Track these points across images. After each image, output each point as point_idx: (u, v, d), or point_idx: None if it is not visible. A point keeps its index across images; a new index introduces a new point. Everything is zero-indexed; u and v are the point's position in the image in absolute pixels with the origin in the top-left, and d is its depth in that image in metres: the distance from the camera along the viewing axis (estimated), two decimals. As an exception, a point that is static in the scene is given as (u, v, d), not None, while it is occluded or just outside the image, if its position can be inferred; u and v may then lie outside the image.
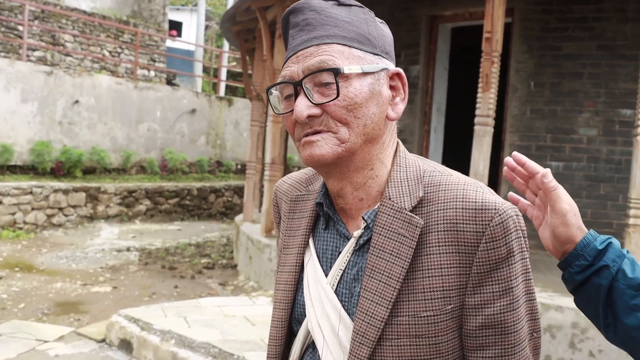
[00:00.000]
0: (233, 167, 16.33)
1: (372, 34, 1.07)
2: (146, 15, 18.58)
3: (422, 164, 1.10)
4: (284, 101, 1.08)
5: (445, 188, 1.03)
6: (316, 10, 1.06)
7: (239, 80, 20.54)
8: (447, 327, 1.00)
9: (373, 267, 1.03)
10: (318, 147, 1.03)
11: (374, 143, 1.07)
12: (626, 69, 6.05)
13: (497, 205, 0.99)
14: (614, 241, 1.13)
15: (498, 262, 0.99)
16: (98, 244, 9.99)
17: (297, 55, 1.05)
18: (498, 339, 1.01)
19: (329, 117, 1.02)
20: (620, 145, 6.08)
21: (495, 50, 4.90)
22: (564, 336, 4.48)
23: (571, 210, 1.13)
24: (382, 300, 1.01)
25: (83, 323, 5.85)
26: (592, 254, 1.11)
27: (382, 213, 1.05)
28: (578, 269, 1.11)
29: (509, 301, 1.00)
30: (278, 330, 1.17)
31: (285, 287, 1.16)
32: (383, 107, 1.06)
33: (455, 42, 7.85)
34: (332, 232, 1.13)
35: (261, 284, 7.36)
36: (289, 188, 1.25)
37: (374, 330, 1.01)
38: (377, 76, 1.05)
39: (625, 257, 1.11)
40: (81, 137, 12.96)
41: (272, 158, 7.58)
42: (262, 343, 4.62)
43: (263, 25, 7.83)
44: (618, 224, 5.93)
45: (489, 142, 4.94)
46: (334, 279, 1.09)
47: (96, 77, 13.39)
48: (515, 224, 1.00)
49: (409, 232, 1.02)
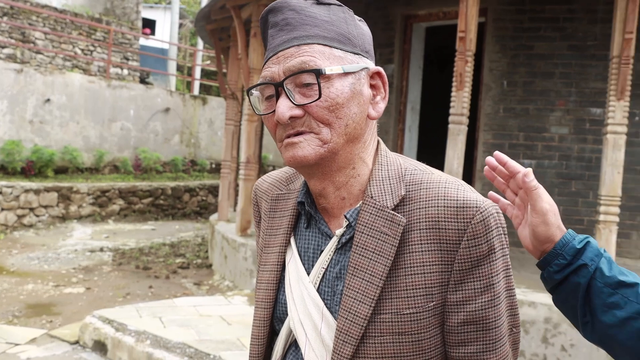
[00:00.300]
0: (207, 166, 16.24)
1: (352, 33, 1.08)
2: (119, 12, 18.36)
3: (404, 163, 1.10)
4: (265, 102, 1.08)
5: (427, 186, 1.04)
6: (295, 9, 1.05)
7: (213, 79, 20.42)
8: (430, 323, 1.01)
9: (356, 266, 1.03)
10: (301, 149, 1.03)
11: (356, 142, 1.07)
12: (596, 68, 6.16)
13: (479, 203, 1.00)
14: (591, 240, 1.14)
15: (480, 259, 1.00)
16: (70, 244, 9.85)
17: (277, 55, 1.04)
18: (480, 334, 1.02)
19: (310, 118, 1.02)
20: (590, 144, 6.19)
21: (469, 49, 4.95)
22: (537, 331, 4.55)
23: (551, 210, 1.14)
24: (365, 298, 1.01)
25: (56, 325, 5.76)
26: (570, 252, 1.12)
27: (364, 211, 1.05)
28: (557, 268, 1.13)
29: (491, 297, 1.01)
30: (260, 329, 1.16)
31: (267, 286, 1.16)
32: (364, 106, 1.07)
33: (429, 42, 7.91)
34: (314, 230, 1.13)
35: (236, 284, 7.33)
36: (269, 187, 1.24)
37: (357, 329, 1.01)
38: (357, 76, 1.06)
39: (602, 256, 1.12)
40: (53, 136, 12.76)
41: (247, 157, 7.55)
42: (238, 342, 4.60)
43: (238, 23, 7.79)
44: (589, 220, 6.04)
45: (463, 140, 4.99)
46: (316, 277, 1.09)
47: (68, 76, 13.20)
48: (496, 222, 1.01)
49: (392, 231, 1.02)
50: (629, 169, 5.84)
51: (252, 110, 7.38)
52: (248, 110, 7.50)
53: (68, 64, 15.17)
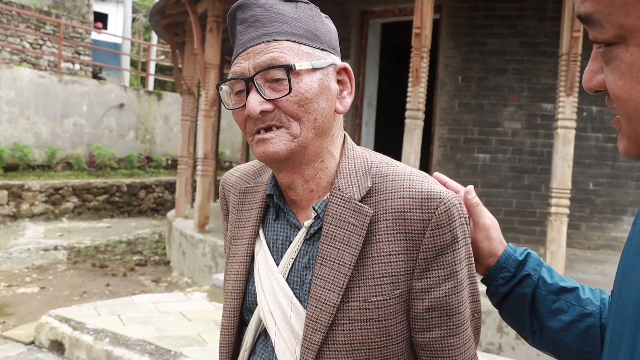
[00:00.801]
0: (163, 163, 16.04)
1: (319, 30, 1.11)
2: (69, 6, 17.92)
3: (369, 156, 1.14)
4: (235, 96, 1.10)
5: (392, 179, 1.08)
6: (264, 6, 1.07)
7: (167, 74, 20.14)
8: (396, 310, 1.05)
9: (324, 255, 1.07)
10: (272, 144, 1.05)
11: (324, 136, 1.10)
12: (547, 65, 6.34)
13: (442, 194, 1.05)
14: (531, 252, 1.20)
15: (443, 248, 1.04)
16: (23, 243, 9.61)
17: (247, 51, 1.06)
18: (443, 320, 1.06)
19: (280, 112, 1.05)
20: (542, 138, 6.37)
21: (425, 45, 5.04)
22: (492, 321, 4.68)
23: (493, 225, 1.18)
24: (333, 287, 1.05)
25: (9, 326, 5.63)
26: (514, 265, 1.16)
27: (332, 203, 1.08)
28: (502, 281, 1.16)
29: (454, 284, 1.05)
30: (230, 320, 1.18)
31: (236, 277, 1.18)
32: (332, 101, 1.10)
33: (385, 37, 8.00)
34: (283, 222, 1.16)
35: (195, 280, 7.29)
36: (236, 180, 1.26)
37: (326, 316, 1.04)
38: (325, 71, 1.09)
39: (542, 265, 1.17)
40: (1, 132, 12.40)
41: (205, 153, 7.51)
42: (199, 338, 4.59)
43: (194, 18, 7.73)
44: (541, 212, 6.23)
45: (419, 135, 5.08)
46: (285, 267, 1.12)
47: (16, 70, 12.83)
48: (459, 212, 1.06)
49: (359, 221, 1.05)
50: (578, 162, 6.04)
51: (209, 105, 7.35)
52: (204, 105, 7.46)
53: (16, 58, 14.74)
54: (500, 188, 6.47)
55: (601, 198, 6.32)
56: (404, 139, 5.07)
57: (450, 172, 6.65)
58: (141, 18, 23.10)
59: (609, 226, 6.31)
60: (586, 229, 6.32)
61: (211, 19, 7.32)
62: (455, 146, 6.66)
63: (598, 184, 6.31)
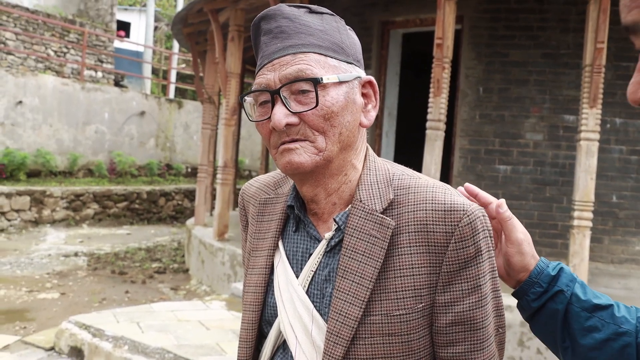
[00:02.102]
0: (183, 170, 16.14)
1: (345, 43, 1.10)
2: (93, 14, 18.17)
3: (391, 168, 1.13)
4: (259, 108, 1.09)
5: (415, 190, 1.07)
6: (289, 18, 1.07)
7: (188, 83, 20.32)
8: (419, 324, 1.03)
9: (346, 268, 1.05)
10: (297, 155, 1.04)
11: (349, 150, 1.09)
12: (569, 76, 6.29)
13: (465, 206, 1.03)
14: (564, 267, 1.17)
15: (467, 261, 1.02)
16: (44, 249, 9.71)
17: (272, 63, 1.05)
18: (467, 335, 1.04)
19: (306, 126, 1.04)
20: (564, 150, 6.31)
21: (446, 56, 5.02)
22: (513, 334, 4.62)
23: (526, 240, 1.16)
24: (355, 300, 1.03)
25: (30, 331, 5.68)
26: (546, 280, 1.14)
27: (353, 215, 1.07)
28: (534, 296, 1.14)
29: (478, 298, 1.04)
30: (248, 332, 1.18)
31: (255, 289, 1.17)
32: (356, 114, 1.09)
33: (406, 47, 7.99)
34: (303, 234, 1.15)
35: (214, 288, 7.31)
36: (256, 191, 1.26)
37: (348, 330, 1.03)
38: (351, 84, 1.08)
39: (576, 281, 1.15)
40: (25, 138, 12.57)
41: (224, 161, 7.54)
42: (217, 347, 4.59)
43: (215, 27, 7.78)
44: (563, 225, 6.15)
45: (440, 146, 5.05)
46: (305, 280, 1.10)
47: (41, 77, 13.02)
48: (482, 224, 1.04)
49: (381, 233, 1.04)
50: (601, 175, 5.97)
51: (229, 114, 7.39)
52: (225, 114, 7.50)
53: (40, 65, 14.96)
54: (522, 200, 6.40)
55: (625, 211, 6.23)
56: (424, 150, 5.05)
57: (471, 183, 6.57)
58: (163, 27, 23.36)
59: (633, 240, 6.21)
60: (609, 243, 6.23)
61: (233, 28, 7.37)
62: (476, 157, 6.62)
63: (621, 197, 6.22)
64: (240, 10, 7.37)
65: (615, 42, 5.96)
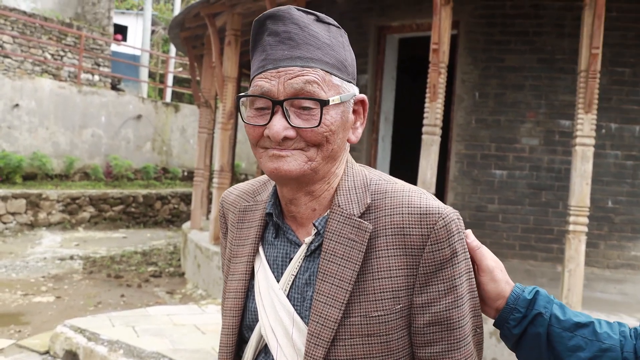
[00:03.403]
0: (179, 174, 16.13)
1: (347, 60, 1.12)
2: (90, 18, 18.17)
3: (368, 173, 1.16)
4: (253, 110, 1.09)
5: (391, 195, 1.09)
6: (298, 24, 1.07)
7: (185, 86, 20.31)
8: (397, 325, 1.06)
9: (325, 271, 1.07)
10: (287, 163, 1.06)
11: (334, 162, 1.12)
12: (565, 81, 6.31)
13: (440, 209, 1.06)
14: (540, 290, 1.17)
15: (443, 263, 1.05)
16: (39, 252, 9.69)
17: (278, 70, 1.05)
18: (444, 334, 1.06)
19: (301, 140, 1.06)
20: (560, 155, 6.32)
21: (442, 61, 5.03)
22: (508, 339, 4.62)
23: (497, 267, 1.16)
24: (335, 302, 1.05)
25: (24, 335, 5.67)
26: (523, 304, 1.14)
27: (332, 220, 1.10)
28: (514, 323, 1.14)
29: (454, 299, 1.06)
30: (229, 337, 1.19)
31: (235, 294, 1.19)
32: (347, 130, 1.12)
33: (402, 52, 8.01)
34: (282, 240, 1.16)
35: (210, 292, 7.30)
36: (236, 199, 1.27)
37: (328, 332, 1.05)
38: (348, 103, 1.11)
39: (553, 302, 1.15)
40: (21, 141, 12.55)
41: (221, 165, 7.54)
42: (213, 352, 4.58)
43: (212, 32, 7.79)
44: (558, 230, 6.16)
45: (437, 150, 5.06)
46: (286, 284, 1.12)
47: (37, 81, 13.01)
48: (457, 227, 1.07)
49: (359, 237, 1.07)
50: (597, 180, 5.98)
51: (226, 118, 7.40)
52: (222, 118, 7.50)
53: (37, 68, 14.95)
54: (517, 205, 6.42)
55: (620, 216, 6.24)
56: (420, 155, 5.06)
57: (467, 188, 6.61)
58: (160, 31, 23.38)
59: (629, 245, 6.23)
60: (605, 248, 6.24)
61: (230, 32, 7.38)
62: (472, 162, 6.63)
63: (617, 202, 6.24)
64: (237, 15, 7.38)
65: (611, 47, 5.99)
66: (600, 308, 4.97)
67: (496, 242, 6.30)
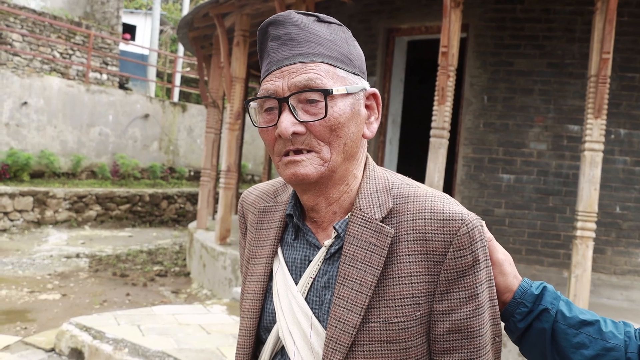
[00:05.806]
0: (186, 174, 16.15)
1: (352, 54, 1.11)
2: (99, 17, 18.24)
3: (390, 177, 1.14)
4: (264, 114, 1.09)
5: (414, 200, 1.08)
6: (298, 25, 1.07)
7: (192, 86, 20.35)
8: (417, 332, 1.04)
9: (345, 275, 1.06)
10: (303, 167, 1.05)
11: (351, 160, 1.10)
12: (574, 86, 6.28)
13: (464, 216, 1.04)
14: (547, 285, 1.17)
15: (464, 270, 1.03)
16: (46, 249, 9.72)
17: (281, 70, 1.06)
18: (464, 342, 1.05)
19: (311, 137, 1.05)
20: (568, 160, 6.30)
21: (451, 64, 5.02)
22: (513, 345, 4.60)
23: (507, 260, 1.17)
24: (354, 307, 1.04)
25: (30, 332, 5.68)
26: (530, 299, 1.14)
27: (353, 223, 1.08)
28: (520, 317, 1.15)
29: (475, 307, 1.04)
30: (246, 338, 1.18)
31: (253, 296, 1.18)
32: (360, 125, 1.10)
33: (411, 54, 8.00)
34: (302, 242, 1.15)
35: (215, 292, 7.30)
36: (256, 199, 1.27)
37: (346, 337, 1.04)
38: (357, 96, 1.09)
39: (560, 299, 1.15)
40: (29, 139, 12.60)
41: (228, 165, 7.54)
42: (217, 352, 4.58)
43: (221, 32, 7.80)
44: (565, 235, 6.14)
45: (444, 154, 5.05)
46: (304, 287, 1.11)
47: (46, 79, 13.06)
48: (480, 234, 1.05)
49: (380, 242, 1.05)
50: (605, 185, 5.96)
51: (234, 119, 7.40)
52: (229, 119, 7.51)
53: (46, 67, 15.01)
54: (525, 209, 6.40)
55: (628, 222, 6.21)
56: (428, 158, 5.04)
57: (474, 192, 6.59)
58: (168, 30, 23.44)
59: (636, 251, 6.19)
60: (612, 254, 6.21)
61: (238, 32, 7.38)
62: (480, 166, 6.61)
63: (625, 207, 6.21)
64: (246, 16, 7.39)
65: (621, 52, 5.96)
66: (607, 314, 4.94)
67: (502, 246, 6.27)
